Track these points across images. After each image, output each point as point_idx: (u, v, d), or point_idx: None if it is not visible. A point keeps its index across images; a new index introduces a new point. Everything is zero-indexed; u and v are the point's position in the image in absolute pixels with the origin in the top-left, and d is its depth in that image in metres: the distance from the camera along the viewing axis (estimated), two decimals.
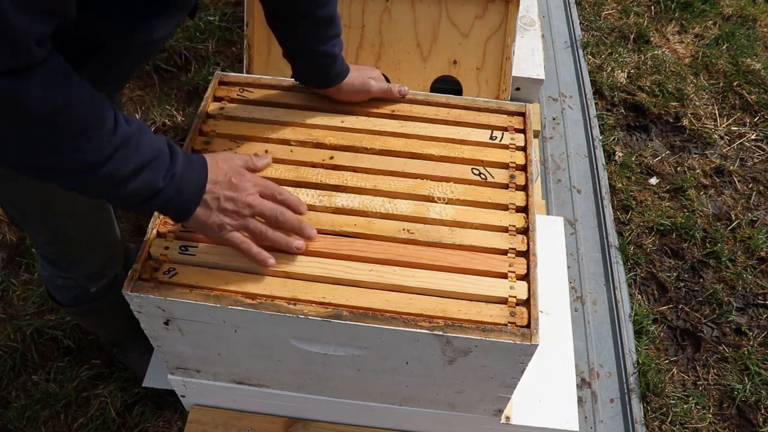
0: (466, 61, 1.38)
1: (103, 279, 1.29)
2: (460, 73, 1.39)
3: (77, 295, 1.30)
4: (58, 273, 1.27)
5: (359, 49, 1.39)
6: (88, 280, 1.27)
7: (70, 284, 1.29)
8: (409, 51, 1.39)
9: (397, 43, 1.38)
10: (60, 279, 1.28)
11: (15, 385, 1.64)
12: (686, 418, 1.65)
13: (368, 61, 1.39)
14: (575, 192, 2.03)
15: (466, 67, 1.39)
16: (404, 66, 1.39)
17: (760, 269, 1.97)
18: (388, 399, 1.11)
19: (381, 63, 1.39)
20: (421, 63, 1.39)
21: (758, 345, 1.80)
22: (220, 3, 2.65)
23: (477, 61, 1.38)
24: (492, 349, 0.91)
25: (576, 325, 1.70)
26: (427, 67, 1.39)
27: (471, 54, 1.38)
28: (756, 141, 2.35)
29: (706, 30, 2.77)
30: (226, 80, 1.18)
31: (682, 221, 2.05)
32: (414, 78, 1.40)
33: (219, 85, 1.18)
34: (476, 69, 1.39)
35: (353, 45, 1.39)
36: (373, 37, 1.38)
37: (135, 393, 1.61)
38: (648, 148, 2.28)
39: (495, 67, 1.38)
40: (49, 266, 1.26)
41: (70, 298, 1.32)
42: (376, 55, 1.40)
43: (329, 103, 1.15)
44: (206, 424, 1.22)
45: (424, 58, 1.39)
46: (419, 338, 0.90)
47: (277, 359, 1.03)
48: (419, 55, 1.39)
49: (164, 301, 0.91)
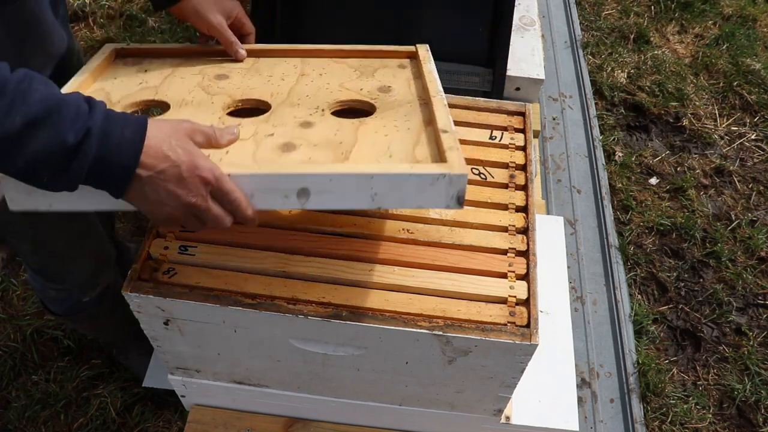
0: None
1: (95, 288, 1.27)
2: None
3: (71, 305, 1.29)
4: (48, 284, 1.25)
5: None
6: (80, 290, 1.26)
7: (63, 295, 1.27)
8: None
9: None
10: (52, 290, 1.27)
11: (15, 385, 1.64)
12: (686, 418, 1.65)
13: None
14: (575, 192, 2.03)
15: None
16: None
17: (760, 269, 1.97)
18: (388, 399, 1.11)
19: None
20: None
21: (758, 345, 1.80)
22: None
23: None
24: (492, 349, 0.91)
25: (576, 325, 1.70)
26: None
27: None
28: (756, 141, 2.35)
29: (706, 30, 2.77)
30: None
31: (682, 221, 2.05)
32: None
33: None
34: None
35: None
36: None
37: (135, 393, 1.61)
38: (648, 148, 2.28)
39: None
40: (39, 277, 1.25)
41: (64, 309, 1.30)
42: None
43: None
44: (206, 424, 1.22)
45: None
46: (419, 338, 0.90)
47: (277, 359, 1.03)
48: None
49: (164, 301, 0.91)
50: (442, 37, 1.46)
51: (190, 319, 0.95)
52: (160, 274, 0.93)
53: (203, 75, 1.06)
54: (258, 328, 0.95)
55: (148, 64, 1.09)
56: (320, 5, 1.42)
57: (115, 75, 1.06)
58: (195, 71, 1.07)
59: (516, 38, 1.66)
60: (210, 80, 1.04)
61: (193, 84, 1.03)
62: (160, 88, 1.01)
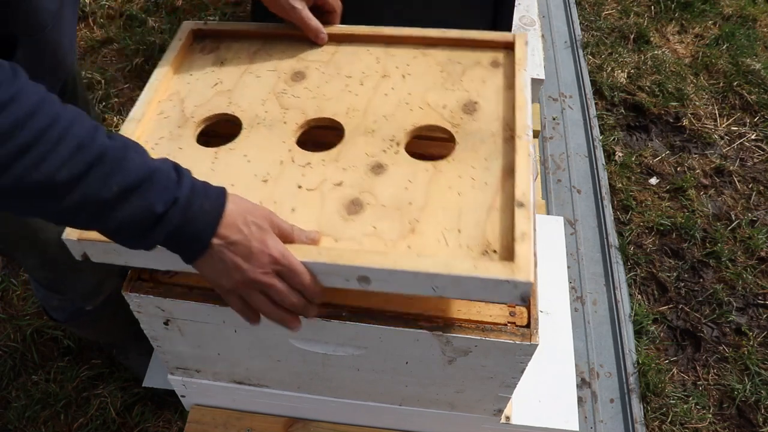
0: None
1: (99, 297, 1.27)
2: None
3: (74, 313, 1.29)
4: (52, 295, 1.25)
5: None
6: (83, 299, 1.26)
7: (66, 305, 1.27)
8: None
9: None
10: (56, 300, 1.27)
11: (15, 385, 1.64)
12: (686, 418, 1.65)
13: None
14: (575, 192, 2.03)
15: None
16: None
17: (760, 269, 1.97)
18: (388, 399, 1.11)
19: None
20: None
21: (758, 345, 1.80)
22: (220, 3, 2.65)
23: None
24: (492, 349, 0.91)
25: (576, 325, 1.70)
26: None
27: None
28: (756, 141, 2.35)
29: (706, 30, 2.77)
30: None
31: (682, 221, 2.05)
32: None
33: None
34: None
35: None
36: None
37: (135, 393, 1.61)
38: (648, 148, 2.29)
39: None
40: (43, 289, 1.25)
41: (66, 316, 1.30)
42: None
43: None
44: (206, 424, 1.22)
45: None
46: (419, 338, 0.90)
47: (276, 359, 1.03)
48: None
49: (164, 301, 0.91)
50: None
51: (190, 319, 0.95)
52: (159, 274, 0.93)
53: (279, 73, 1.04)
54: (258, 328, 0.94)
55: (225, 52, 1.08)
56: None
57: (191, 69, 1.05)
58: (271, 66, 1.05)
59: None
60: (285, 82, 1.02)
61: (268, 88, 1.02)
62: (234, 92, 1.01)
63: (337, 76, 1.04)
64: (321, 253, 0.79)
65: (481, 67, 1.04)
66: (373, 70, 1.04)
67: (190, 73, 1.05)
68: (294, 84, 1.02)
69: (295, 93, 1.01)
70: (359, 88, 1.01)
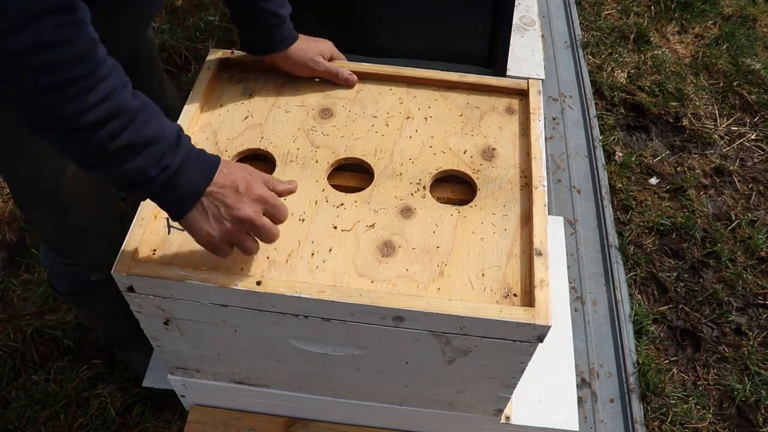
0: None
1: (105, 268, 1.28)
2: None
3: (77, 284, 1.30)
4: (60, 260, 1.26)
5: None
6: (91, 268, 1.27)
7: (72, 272, 1.28)
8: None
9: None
10: (62, 266, 1.28)
11: (15, 385, 1.64)
12: (686, 418, 1.65)
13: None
14: (575, 192, 2.03)
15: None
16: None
17: (760, 269, 1.97)
18: (388, 399, 1.11)
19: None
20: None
21: (758, 345, 1.80)
22: (220, 3, 2.65)
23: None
24: (492, 349, 0.91)
25: (576, 325, 1.70)
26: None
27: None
28: (756, 141, 2.35)
29: (706, 30, 2.77)
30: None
31: (682, 221, 2.05)
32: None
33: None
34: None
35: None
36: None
37: (135, 393, 1.61)
38: (648, 148, 2.28)
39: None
40: (53, 253, 1.26)
41: (70, 287, 1.31)
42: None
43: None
44: (206, 424, 1.22)
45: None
46: (419, 338, 0.91)
47: (276, 359, 1.03)
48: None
49: (164, 301, 0.91)
50: (441, 36, 1.47)
51: (190, 319, 0.95)
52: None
53: (307, 108, 1.08)
54: (258, 328, 0.95)
55: (253, 84, 1.12)
56: (320, 4, 1.42)
57: (221, 100, 1.10)
58: (298, 101, 1.09)
59: (516, 38, 1.66)
60: (314, 119, 1.07)
61: (297, 124, 1.06)
62: (265, 127, 1.05)
63: (363, 116, 1.08)
64: (362, 296, 0.85)
65: (498, 113, 1.09)
66: (396, 111, 1.09)
67: (221, 104, 1.09)
68: (323, 121, 1.06)
69: (325, 131, 1.05)
70: (385, 128, 1.06)
